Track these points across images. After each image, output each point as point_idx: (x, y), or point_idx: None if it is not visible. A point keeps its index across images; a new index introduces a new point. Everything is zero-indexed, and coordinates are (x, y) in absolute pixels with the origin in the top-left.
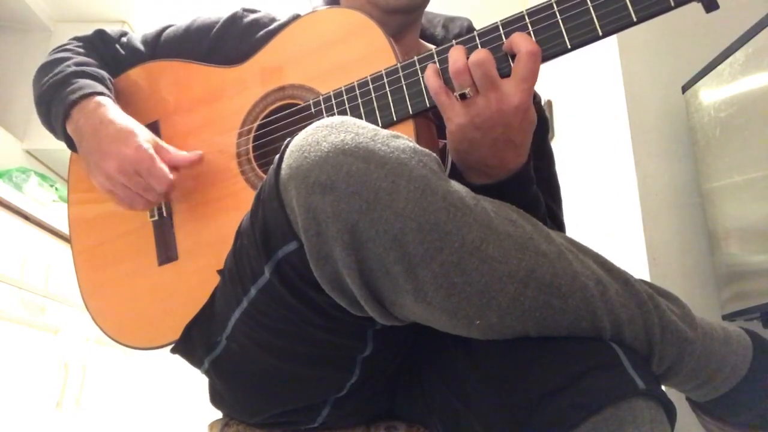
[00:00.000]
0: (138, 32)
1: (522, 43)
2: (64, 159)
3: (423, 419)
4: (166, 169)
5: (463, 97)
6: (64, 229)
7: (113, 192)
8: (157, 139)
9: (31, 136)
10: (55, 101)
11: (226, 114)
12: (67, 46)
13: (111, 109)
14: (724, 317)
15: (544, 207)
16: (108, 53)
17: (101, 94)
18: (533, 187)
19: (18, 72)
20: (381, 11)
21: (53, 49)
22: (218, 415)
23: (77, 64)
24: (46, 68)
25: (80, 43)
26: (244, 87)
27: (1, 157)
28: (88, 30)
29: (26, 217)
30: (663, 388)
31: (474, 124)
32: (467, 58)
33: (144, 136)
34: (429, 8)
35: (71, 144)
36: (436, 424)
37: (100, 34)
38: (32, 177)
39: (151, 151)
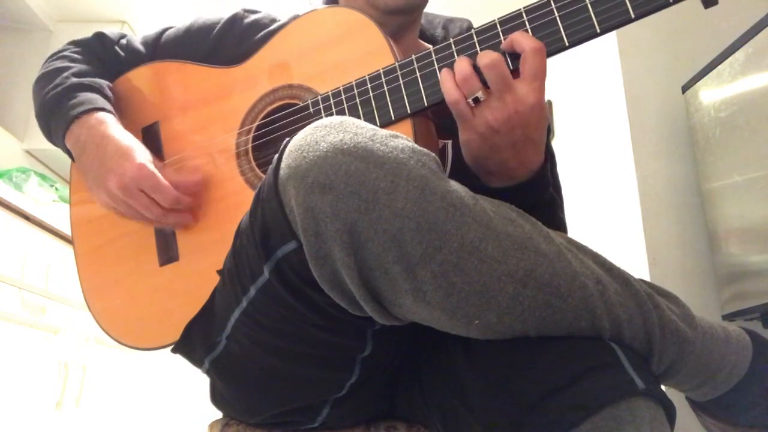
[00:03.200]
0: (137, 33)
1: (525, 41)
2: (64, 159)
3: (423, 419)
4: (169, 185)
5: (476, 101)
6: (64, 229)
7: (114, 209)
8: (154, 161)
9: (31, 136)
10: (55, 117)
11: (225, 114)
12: (64, 53)
13: (112, 126)
14: (724, 317)
15: (561, 209)
16: (107, 55)
17: (102, 109)
18: (550, 187)
19: (18, 72)
20: (380, 12)
21: (49, 56)
22: (218, 415)
23: (76, 75)
24: (44, 79)
25: (78, 49)
26: (243, 87)
27: (1, 157)
28: (88, 30)
29: (26, 217)
30: (663, 387)
31: (493, 129)
32: (471, 64)
33: (144, 154)
34: (429, 9)
35: (71, 157)
36: (436, 424)
37: (100, 36)
38: (32, 177)
39: (153, 168)
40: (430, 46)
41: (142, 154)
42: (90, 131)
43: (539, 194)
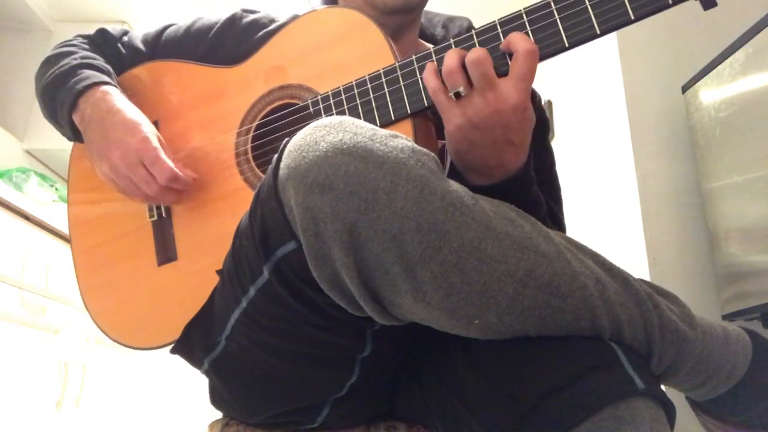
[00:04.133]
0: (138, 32)
1: (519, 42)
2: (64, 159)
3: (423, 419)
4: (169, 161)
5: (457, 95)
6: (64, 229)
7: (114, 182)
8: (160, 136)
9: (31, 136)
10: (61, 91)
11: (225, 114)
12: (72, 42)
13: (117, 99)
14: (724, 317)
15: (545, 208)
16: (110, 52)
17: (107, 83)
18: (533, 187)
19: (18, 72)
20: (379, 12)
21: (57, 44)
22: (218, 415)
23: (83, 58)
24: (51, 61)
25: (84, 40)
26: (243, 87)
27: (1, 157)
28: (87, 30)
29: (26, 217)
30: (663, 387)
31: (472, 124)
32: (463, 58)
33: (150, 128)
34: (429, 8)
35: (77, 134)
36: (436, 424)
37: (102, 33)
38: (32, 177)
39: (156, 143)
40: (430, 45)
41: (146, 128)
42: (95, 104)
43: (520, 194)
